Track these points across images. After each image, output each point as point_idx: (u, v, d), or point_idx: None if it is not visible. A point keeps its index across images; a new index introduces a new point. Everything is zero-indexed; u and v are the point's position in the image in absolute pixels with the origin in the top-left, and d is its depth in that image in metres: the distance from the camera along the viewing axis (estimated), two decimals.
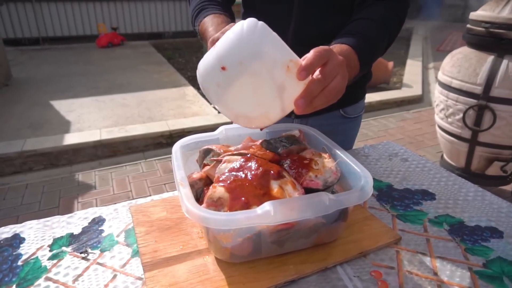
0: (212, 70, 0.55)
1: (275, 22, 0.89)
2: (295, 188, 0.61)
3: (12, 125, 3.44)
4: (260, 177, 0.60)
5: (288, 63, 0.53)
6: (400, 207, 0.79)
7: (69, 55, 6.48)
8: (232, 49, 0.53)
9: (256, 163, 0.63)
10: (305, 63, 0.52)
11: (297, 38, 0.91)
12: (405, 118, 3.95)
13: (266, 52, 0.52)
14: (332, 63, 0.55)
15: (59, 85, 4.69)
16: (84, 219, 0.76)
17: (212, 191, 0.58)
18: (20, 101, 4.09)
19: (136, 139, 3.12)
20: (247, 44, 0.52)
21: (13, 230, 0.72)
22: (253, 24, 0.52)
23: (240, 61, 0.52)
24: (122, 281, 0.60)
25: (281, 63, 0.53)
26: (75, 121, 3.56)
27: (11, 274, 0.61)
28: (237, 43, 0.52)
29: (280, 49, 0.53)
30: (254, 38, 0.52)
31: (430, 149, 3.18)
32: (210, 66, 0.55)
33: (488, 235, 0.70)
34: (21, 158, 2.77)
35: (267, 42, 0.52)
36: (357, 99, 1.05)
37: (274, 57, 0.52)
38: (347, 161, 0.67)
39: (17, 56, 6.21)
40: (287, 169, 0.67)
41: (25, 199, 2.40)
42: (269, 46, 0.52)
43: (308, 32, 0.91)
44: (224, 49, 0.53)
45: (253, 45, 0.52)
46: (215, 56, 0.54)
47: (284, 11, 0.91)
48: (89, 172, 2.75)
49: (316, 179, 0.63)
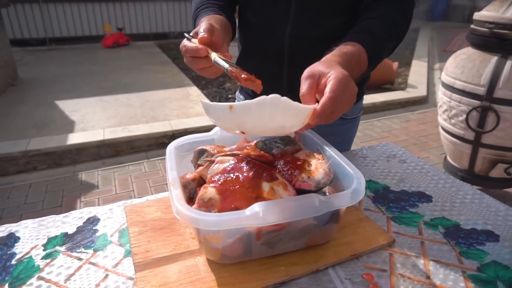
0: (230, 129, 0.63)
1: (272, 22, 0.90)
2: (287, 190, 0.61)
3: (17, 124, 3.47)
4: (252, 179, 0.60)
5: (304, 120, 0.60)
6: (395, 209, 0.78)
7: (75, 55, 6.53)
8: (254, 124, 0.59)
9: (248, 164, 0.63)
10: (318, 111, 0.58)
11: (294, 40, 0.91)
12: (409, 119, 3.93)
13: (286, 125, 0.60)
14: (341, 108, 0.61)
15: (64, 85, 4.73)
16: (79, 218, 0.76)
17: (203, 192, 0.58)
18: (25, 101, 4.13)
19: (139, 139, 3.14)
20: (271, 120, 0.57)
21: (9, 229, 0.72)
22: (276, 100, 0.53)
23: (261, 130, 0.62)
24: (114, 281, 0.60)
25: (298, 126, 0.61)
26: (79, 121, 3.58)
27: (4, 273, 0.61)
28: (258, 119, 0.57)
29: (301, 117, 0.59)
30: (277, 115, 0.56)
31: (434, 151, 3.15)
32: (228, 125, 0.62)
33: (484, 238, 0.69)
34: (25, 157, 2.80)
35: (289, 115, 0.57)
36: (356, 100, 1.05)
37: (292, 124, 0.60)
38: (340, 162, 0.67)
39: (24, 57, 6.27)
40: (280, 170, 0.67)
41: (28, 198, 2.42)
42: (290, 118, 0.58)
43: (306, 33, 0.90)
44: (247, 122, 0.58)
45: (276, 121, 0.58)
46: (234, 123, 0.59)
47: (281, 12, 0.90)
48: (92, 171, 2.76)
49: (309, 180, 0.63)
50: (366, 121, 3.83)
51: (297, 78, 0.91)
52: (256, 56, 0.94)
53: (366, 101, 4.19)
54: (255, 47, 0.94)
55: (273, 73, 0.93)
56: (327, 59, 0.69)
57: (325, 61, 0.68)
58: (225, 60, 0.66)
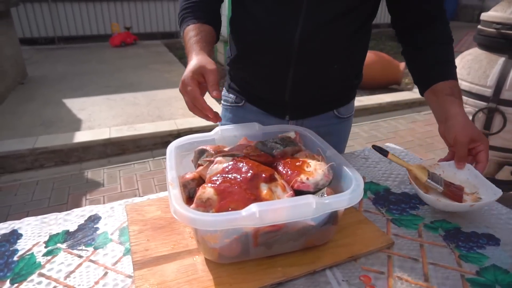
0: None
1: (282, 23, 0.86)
2: (285, 191, 0.61)
3: (25, 122, 3.52)
4: (250, 179, 0.60)
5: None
6: (396, 211, 0.78)
7: (83, 54, 6.58)
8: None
9: (247, 165, 0.63)
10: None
11: (303, 42, 0.85)
12: (416, 119, 3.90)
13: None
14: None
15: (72, 84, 4.77)
16: (81, 216, 0.77)
17: (201, 192, 0.59)
18: (34, 99, 4.18)
19: (145, 138, 3.16)
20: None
21: (12, 226, 0.73)
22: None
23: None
24: (113, 278, 0.61)
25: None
26: (86, 119, 3.62)
27: (6, 269, 0.62)
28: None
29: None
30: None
31: (440, 152, 3.12)
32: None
33: (484, 242, 0.69)
34: (33, 155, 2.83)
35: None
36: (349, 100, 1.05)
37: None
38: (340, 164, 0.67)
39: (33, 55, 6.34)
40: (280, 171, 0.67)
41: (35, 195, 2.45)
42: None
43: (316, 37, 0.85)
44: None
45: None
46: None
47: (291, 14, 0.84)
48: (98, 169, 2.79)
49: (308, 181, 0.63)
50: (372, 121, 3.81)
51: (303, 80, 0.91)
52: (259, 56, 0.92)
53: (372, 102, 4.18)
54: (259, 47, 0.91)
55: (278, 73, 0.91)
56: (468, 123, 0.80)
57: (469, 123, 0.79)
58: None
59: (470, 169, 0.80)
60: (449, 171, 0.81)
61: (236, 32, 0.97)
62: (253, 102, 1.01)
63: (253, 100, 1.01)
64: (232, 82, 1.05)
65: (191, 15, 0.87)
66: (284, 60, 0.88)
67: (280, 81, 0.92)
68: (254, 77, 0.97)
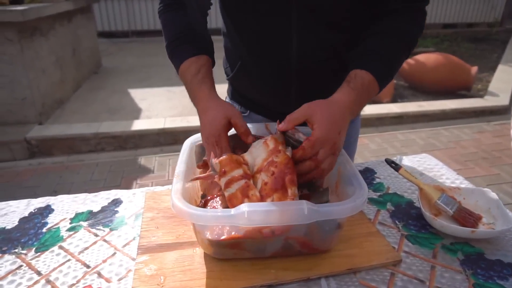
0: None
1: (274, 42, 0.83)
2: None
3: (94, 109, 3.87)
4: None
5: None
6: (414, 227, 0.73)
7: (152, 47, 7.02)
8: None
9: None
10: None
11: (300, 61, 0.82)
12: (483, 130, 3.54)
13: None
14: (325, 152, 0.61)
15: (138, 75, 5.13)
16: (106, 199, 0.84)
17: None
18: (104, 87, 4.57)
19: (195, 130, 3.25)
20: None
21: (47, 201, 0.82)
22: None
23: None
24: (119, 259, 0.65)
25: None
26: (146, 109, 3.87)
27: (34, 238, 0.70)
28: None
29: None
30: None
31: (508, 168, 2.81)
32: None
33: (509, 273, 0.62)
34: (96, 138, 3.11)
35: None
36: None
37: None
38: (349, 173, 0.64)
39: (109, 47, 6.92)
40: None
41: (94, 176, 2.70)
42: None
43: (311, 54, 0.82)
44: None
45: None
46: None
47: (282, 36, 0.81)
48: (150, 156, 2.98)
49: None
50: (431, 129, 3.54)
51: (307, 88, 0.87)
52: (259, 69, 0.88)
53: (434, 107, 3.89)
54: (257, 62, 0.87)
55: (281, 85, 0.87)
56: (334, 101, 0.67)
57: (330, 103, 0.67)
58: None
59: (494, 198, 0.74)
60: (471, 199, 0.76)
61: (230, 48, 0.95)
62: (258, 113, 0.98)
63: (258, 110, 0.98)
64: (235, 91, 1.03)
65: (184, 48, 0.81)
66: (284, 71, 0.84)
67: (284, 92, 0.87)
68: (256, 91, 0.93)
